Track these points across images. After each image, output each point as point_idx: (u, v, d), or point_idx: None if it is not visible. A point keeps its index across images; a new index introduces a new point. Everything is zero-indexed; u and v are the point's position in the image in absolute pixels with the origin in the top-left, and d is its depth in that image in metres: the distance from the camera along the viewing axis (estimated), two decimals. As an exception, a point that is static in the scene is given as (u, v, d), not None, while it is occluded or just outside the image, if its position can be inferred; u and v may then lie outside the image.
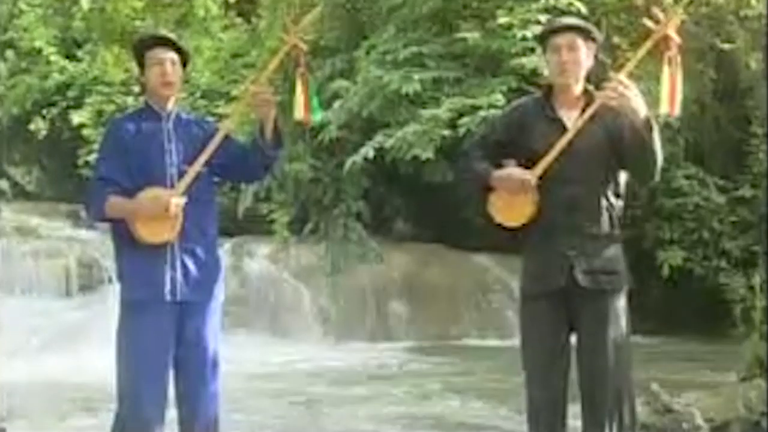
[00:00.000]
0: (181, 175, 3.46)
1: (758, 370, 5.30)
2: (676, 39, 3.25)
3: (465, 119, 9.34)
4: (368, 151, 9.93)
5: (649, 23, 3.28)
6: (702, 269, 9.67)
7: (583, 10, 9.04)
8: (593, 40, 3.36)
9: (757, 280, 6.97)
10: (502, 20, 9.53)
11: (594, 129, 3.26)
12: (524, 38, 9.33)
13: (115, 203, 3.43)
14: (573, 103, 3.33)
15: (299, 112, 3.57)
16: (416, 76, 9.80)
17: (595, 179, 3.29)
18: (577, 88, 3.34)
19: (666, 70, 3.25)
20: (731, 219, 9.88)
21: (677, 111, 3.28)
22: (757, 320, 5.78)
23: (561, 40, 3.31)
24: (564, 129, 3.28)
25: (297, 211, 10.81)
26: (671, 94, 3.24)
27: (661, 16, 3.28)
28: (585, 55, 3.32)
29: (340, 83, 10.55)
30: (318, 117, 3.72)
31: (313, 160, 10.77)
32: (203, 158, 3.47)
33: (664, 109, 3.26)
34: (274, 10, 10.97)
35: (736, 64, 9.55)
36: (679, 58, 3.26)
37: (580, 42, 3.31)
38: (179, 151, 3.51)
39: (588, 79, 3.39)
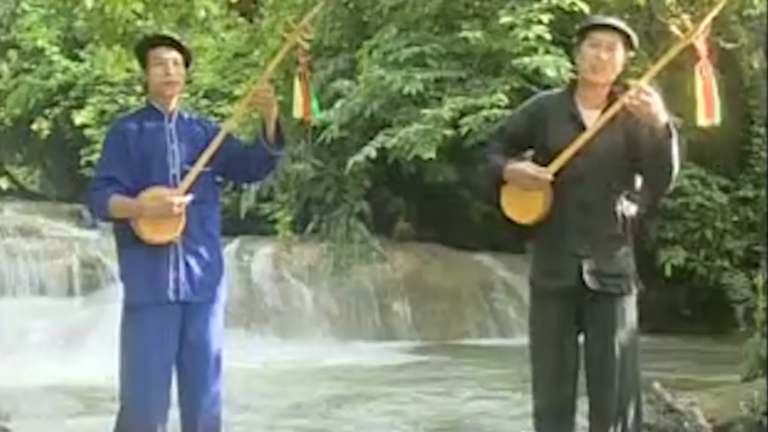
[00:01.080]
0: (184, 174, 3.46)
1: (761, 370, 5.29)
2: (703, 50, 3.20)
3: (467, 119, 9.34)
4: (370, 150, 9.93)
5: (675, 30, 3.24)
6: (704, 269, 9.67)
7: (586, 10, 9.03)
8: (631, 46, 3.31)
9: (759, 279, 6.96)
10: (504, 20, 9.53)
11: (613, 130, 3.22)
12: (526, 38, 9.33)
13: (118, 203, 3.43)
14: (596, 103, 3.27)
15: (298, 110, 3.57)
16: (418, 76, 9.80)
17: (609, 180, 3.25)
18: (604, 89, 3.28)
19: (699, 82, 3.19)
20: (734, 219, 9.87)
21: (716, 120, 3.22)
22: (759, 320, 5.77)
23: (603, 37, 3.24)
24: (583, 128, 3.24)
25: (299, 210, 10.82)
26: (707, 104, 3.19)
27: (688, 24, 3.23)
28: (620, 60, 3.26)
29: (342, 83, 10.56)
30: (317, 115, 3.71)
31: (316, 160, 10.78)
32: (205, 158, 3.47)
33: (701, 121, 3.20)
34: (277, 9, 10.96)
35: (739, 63, 9.54)
36: (711, 67, 3.21)
37: (620, 45, 3.25)
38: (182, 151, 3.51)
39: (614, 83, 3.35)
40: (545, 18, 9.29)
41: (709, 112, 3.21)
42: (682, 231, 9.77)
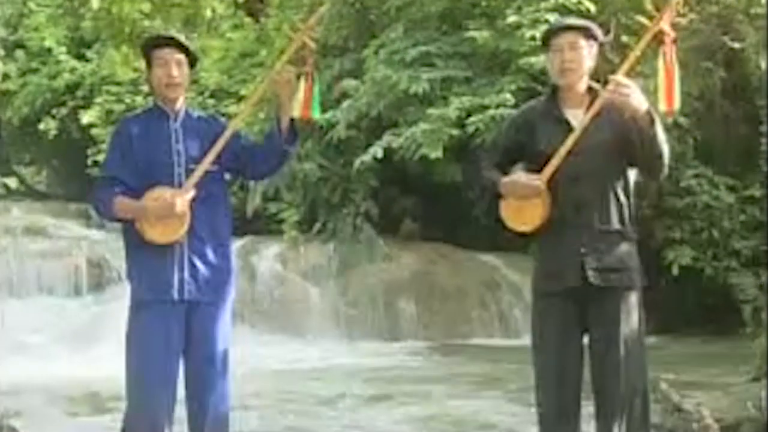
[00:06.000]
0: (190, 174, 3.46)
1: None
2: (670, 33, 3.23)
3: (473, 118, 9.33)
4: (377, 150, 9.93)
5: (643, 20, 3.27)
6: (711, 269, 9.63)
7: (592, 9, 9.01)
8: (595, 38, 3.36)
9: (766, 279, 6.94)
10: (511, 19, 9.52)
11: (600, 126, 3.26)
12: (533, 38, 9.30)
13: (122, 204, 3.44)
14: (578, 102, 3.33)
15: (298, 110, 3.57)
16: (425, 76, 9.79)
17: (603, 176, 3.29)
18: (581, 87, 3.34)
19: (661, 66, 3.22)
20: (741, 218, 9.83)
21: (676, 107, 3.25)
22: (765, 320, 5.76)
23: (563, 40, 3.31)
24: (570, 128, 3.28)
25: (306, 210, 10.82)
26: (668, 90, 3.22)
27: (654, 11, 3.26)
28: (587, 54, 3.32)
29: (349, 83, 10.56)
30: (317, 115, 3.71)
31: (322, 160, 10.78)
32: (210, 157, 3.47)
33: (662, 106, 3.24)
34: (283, 9, 10.98)
35: (746, 62, 9.51)
36: (674, 53, 3.23)
37: (582, 41, 3.31)
38: (187, 150, 3.51)
39: (597, 79, 3.38)
40: (552, 17, 9.26)
41: (669, 100, 3.23)
42: (689, 231, 9.74)
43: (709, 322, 9.42)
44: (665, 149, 3.24)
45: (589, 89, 3.34)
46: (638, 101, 3.16)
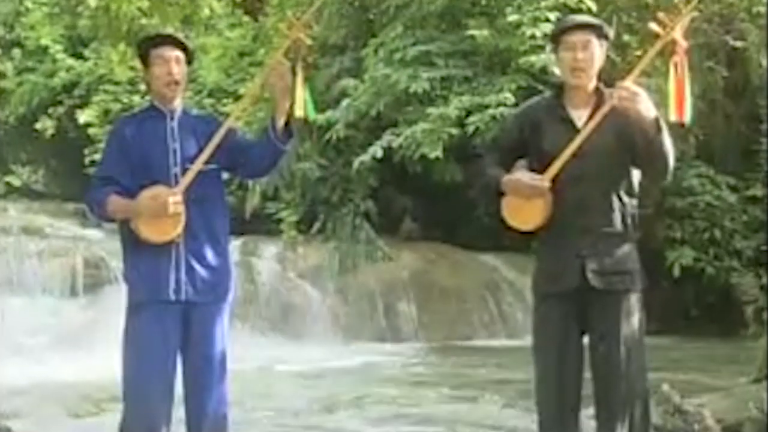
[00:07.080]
0: (186, 173, 3.43)
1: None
2: (683, 44, 3.20)
3: (473, 118, 9.31)
4: (376, 150, 9.91)
5: (655, 28, 3.23)
6: (713, 269, 9.62)
7: (594, 8, 8.98)
8: (605, 37, 3.32)
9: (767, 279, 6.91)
10: (511, 18, 9.50)
11: (604, 129, 3.24)
12: (533, 36, 9.29)
13: (117, 203, 3.41)
14: (584, 102, 3.30)
15: (300, 109, 3.52)
16: (424, 75, 9.77)
17: (606, 178, 3.27)
18: (589, 87, 3.31)
19: (672, 76, 3.19)
20: (743, 218, 9.82)
21: (688, 117, 3.23)
22: (767, 320, 5.73)
23: (575, 38, 3.26)
24: (575, 129, 3.26)
25: (305, 210, 10.79)
26: (679, 100, 3.20)
27: (666, 20, 3.22)
28: (598, 54, 3.28)
29: (348, 82, 10.53)
30: (312, 115, 3.65)
31: (321, 159, 10.76)
32: (204, 155, 3.43)
33: (672, 116, 3.22)
34: (282, 8, 10.94)
35: (748, 61, 9.49)
36: (686, 63, 3.20)
37: (594, 41, 3.27)
38: (183, 149, 3.48)
39: (598, 77, 3.35)
40: (552, 16, 9.25)
41: (680, 110, 3.22)
42: (690, 231, 9.72)
43: (710, 323, 9.40)
44: (670, 157, 3.21)
45: (596, 89, 3.30)
46: (646, 109, 3.13)
